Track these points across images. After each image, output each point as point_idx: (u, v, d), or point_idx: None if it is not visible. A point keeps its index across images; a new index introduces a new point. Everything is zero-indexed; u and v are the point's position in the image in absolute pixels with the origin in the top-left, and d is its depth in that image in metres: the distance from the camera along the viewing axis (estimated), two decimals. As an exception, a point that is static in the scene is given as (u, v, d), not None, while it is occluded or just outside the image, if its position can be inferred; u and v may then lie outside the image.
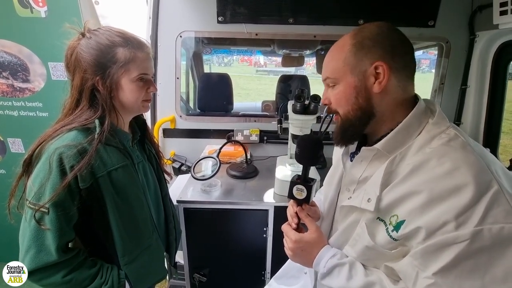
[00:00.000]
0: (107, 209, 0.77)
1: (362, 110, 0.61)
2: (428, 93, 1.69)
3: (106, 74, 0.74)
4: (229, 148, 1.58)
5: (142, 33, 1.51)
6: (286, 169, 1.32)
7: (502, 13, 1.18)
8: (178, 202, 1.20)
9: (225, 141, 1.51)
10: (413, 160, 0.56)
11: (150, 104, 0.88)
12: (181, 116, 1.64)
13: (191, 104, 2.27)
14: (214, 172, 1.26)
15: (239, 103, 3.93)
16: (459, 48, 1.52)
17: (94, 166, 0.72)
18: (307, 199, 0.69)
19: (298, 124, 1.18)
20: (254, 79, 11.78)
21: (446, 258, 0.48)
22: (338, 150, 0.79)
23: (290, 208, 0.76)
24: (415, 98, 0.64)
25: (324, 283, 0.67)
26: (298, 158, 0.70)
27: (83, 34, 0.76)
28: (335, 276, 0.65)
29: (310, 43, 1.93)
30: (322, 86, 0.69)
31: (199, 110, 1.88)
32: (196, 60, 2.25)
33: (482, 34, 1.44)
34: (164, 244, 1.02)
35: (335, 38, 0.67)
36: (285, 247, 0.74)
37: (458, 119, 1.62)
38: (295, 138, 1.27)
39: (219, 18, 1.48)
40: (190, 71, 2.30)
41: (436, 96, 1.62)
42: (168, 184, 1.05)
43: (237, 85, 9.94)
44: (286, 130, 1.34)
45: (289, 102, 1.19)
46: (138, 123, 0.93)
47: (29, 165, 0.73)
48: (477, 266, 0.47)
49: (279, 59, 2.57)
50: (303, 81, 2.22)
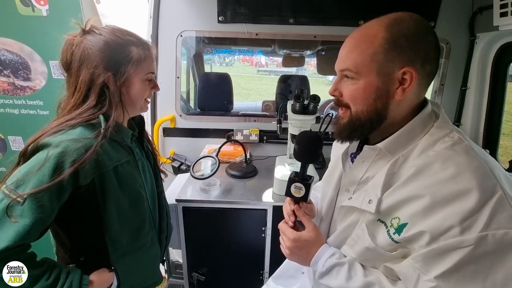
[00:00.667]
0: (107, 204, 0.75)
1: (377, 113, 0.58)
2: (428, 93, 1.69)
3: (120, 71, 0.75)
4: (228, 147, 1.58)
5: (143, 32, 1.52)
6: (285, 169, 1.32)
7: (502, 14, 1.18)
8: (177, 201, 1.21)
9: (224, 140, 1.51)
10: (416, 162, 0.56)
11: (149, 104, 0.90)
12: (181, 115, 1.64)
13: (192, 103, 2.27)
14: (213, 171, 1.26)
15: (240, 103, 3.93)
16: (459, 49, 1.52)
17: (99, 161, 0.71)
18: (305, 198, 0.68)
19: (297, 124, 1.18)
20: (255, 79, 11.78)
21: (449, 262, 0.48)
22: (337, 149, 0.79)
23: (287, 205, 0.74)
24: (424, 101, 0.62)
25: (322, 282, 0.67)
26: (297, 155, 0.68)
27: (86, 31, 0.76)
28: (334, 275, 0.64)
29: (311, 44, 1.93)
30: (322, 87, 0.66)
31: (199, 110, 1.89)
32: (197, 59, 2.26)
33: (482, 35, 1.43)
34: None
35: (335, 39, 0.62)
36: (281, 246, 0.73)
37: (457, 120, 1.62)
38: (294, 138, 1.26)
39: (220, 18, 1.48)
40: (191, 71, 2.30)
41: (436, 97, 1.62)
42: (163, 182, 1.05)
43: (238, 85, 9.93)
44: (285, 130, 1.34)
45: (288, 102, 1.19)
46: (136, 121, 0.94)
47: (24, 155, 0.70)
48: (478, 271, 0.47)
49: (280, 59, 2.57)
50: (303, 81, 2.22)
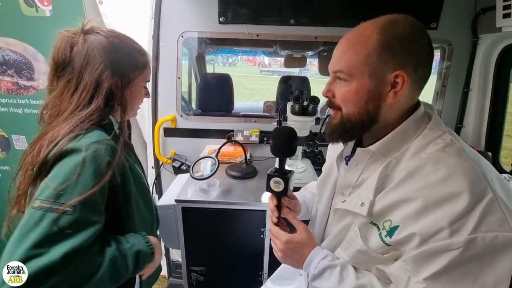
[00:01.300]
0: (129, 202, 0.75)
1: (368, 115, 0.58)
2: (430, 95, 1.68)
3: (126, 76, 0.76)
4: (229, 148, 1.58)
5: (144, 32, 1.53)
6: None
7: (506, 16, 1.17)
8: (177, 201, 1.21)
9: (225, 141, 1.51)
10: (408, 165, 0.55)
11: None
12: (181, 115, 1.65)
13: (194, 103, 2.28)
14: (213, 172, 1.27)
15: (242, 103, 3.93)
16: (462, 50, 1.50)
17: (121, 161, 0.71)
18: (285, 191, 0.69)
19: (297, 125, 1.18)
20: (258, 79, 11.78)
21: (438, 264, 0.48)
22: (332, 151, 0.79)
23: (270, 202, 0.75)
24: (417, 103, 0.62)
25: (314, 285, 0.67)
26: (274, 150, 0.70)
27: (86, 30, 0.74)
28: (326, 278, 0.64)
29: (313, 44, 1.93)
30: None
31: (200, 110, 1.89)
32: (199, 60, 2.26)
33: (485, 36, 1.42)
34: None
35: (336, 40, 0.59)
36: (274, 250, 0.74)
37: (460, 122, 1.61)
38: (294, 139, 1.27)
39: (221, 19, 1.49)
40: (192, 71, 2.31)
41: (438, 98, 1.60)
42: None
43: (241, 85, 9.94)
44: (285, 131, 1.34)
45: (288, 103, 1.19)
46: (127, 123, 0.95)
47: (44, 165, 0.63)
48: (468, 273, 0.47)
49: (283, 60, 2.57)
50: (304, 82, 2.21)
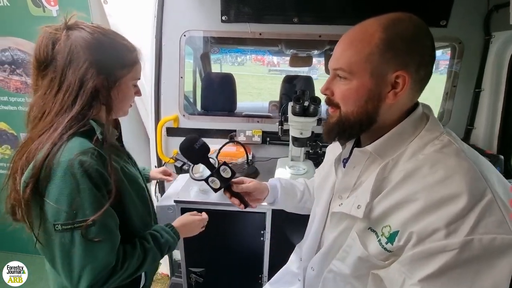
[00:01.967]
0: (126, 203, 0.76)
1: (367, 115, 0.57)
2: (439, 95, 1.62)
3: (112, 75, 0.72)
4: (231, 148, 1.57)
5: (147, 32, 1.53)
6: (286, 171, 1.30)
7: (520, 12, 1.11)
8: (176, 202, 1.21)
9: (227, 141, 1.50)
10: (405, 167, 0.54)
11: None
12: (184, 115, 1.64)
13: (199, 103, 2.27)
14: (213, 172, 1.25)
15: (248, 103, 3.91)
16: (473, 49, 1.44)
17: (110, 165, 0.68)
18: (224, 182, 0.78)
19: (298, 126, 1.15)
20: (267, 79, 11.75)
21: (433, 266, 0.47)
22: (331, 154, 0.77)
23: (228, 198, 0.84)
24: (415, 104, 0.60)
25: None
26: (193, 161, 0.80)
27: (70, 26, 0.68)
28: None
29: (318, 43, 1.89)
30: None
31: (202, 110, 1.88)
32: (203, 59, 2.26)
33: (498, 34, 1.35)
34: None
35: None
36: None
37: (470, 124, 1.54)
38: (296, 140, 1.24)
39: (223, 18, 1.47)
40: (197, 71, 2.31)
41: (447, 99, 1.54)
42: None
43: (249, 84, 9.93)
44: (287, 132, 1.31)
45: (289, 103, 1.17)
46: (113, 124, 0.91)
47: (38, 180, 0.61)
48: (464, 276, 0.45)
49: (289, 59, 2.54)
50: (308, 81, 2.17)
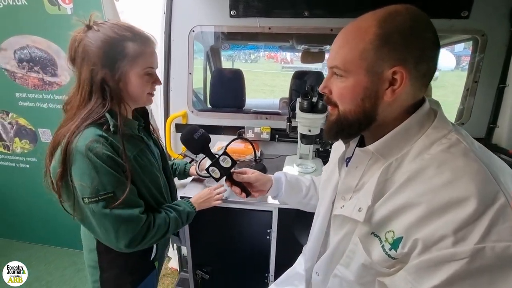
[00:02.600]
0: (140, 190, 0.84)
1: (365, 113, 0.54)
2: (459, 91, 1.53)
3: (115, 68, 0.76)
4: (239, 145, 1.55)
5: (157, 28, 1.53)
6: (293, 169, 1.26)
7: (551, 0, 1.02)
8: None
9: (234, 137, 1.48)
10: (410, 167, 0.50)
11: (153, 97, 0.90)
12: (192, 111, 1.64)
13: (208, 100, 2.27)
14: (219, 169, 1.24)
15: (260, 100, 3.88)
16: (497, 42, 1.34)
17: (124, 153, 0.78)
18: (225, 171, 0.80)
19: (306, 123, 1.12)
20: (280, 76, 11.65)
21: (441, 275, 0.43)
22: (335, 152, 0.74)
23: (230, 188, 0.87)
24: (422, 99, 0.56)
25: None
26: (194, 151, 0.83)
27: (89, 26, 0.77)
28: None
29: (330, 38, 1.81)
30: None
31: (211, 106, 1.88)
32: (214, 56, 2.25)
33: (526, 25, 1.26)
34: None
35: None
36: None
37: (493, 122, 1.45)
38: (304, 137, 1.21)
39: (232, 12, 1.45)
40: (208, 67, 2.30)
41: (468, 95, 1.45)
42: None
43: (262, 81, 9.89)
44: (295, 129, 1.28)
45: (297, 99, 1.13)
46: (139, 112, 0.97)
47: (65, 164, 0.74)
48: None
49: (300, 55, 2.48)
50: (318, 77, 2.09)
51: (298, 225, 1.17)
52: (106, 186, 0.73)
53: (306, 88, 1.09)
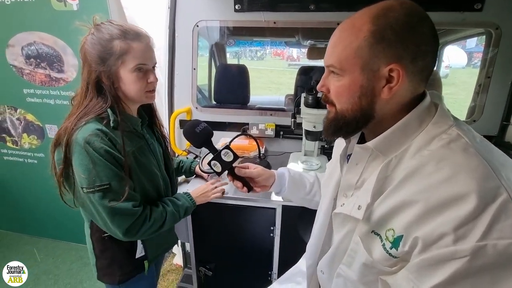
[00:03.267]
0: (136, 186, 0.86)
1: (362, 112, 0.53)
2: (472, 87, 1.48)
3: (106, 67, 0.79)
4: (243, 141, 1.54)
5: (162, 23, 1.52)
6: (298, 166, 1.24)
7: None
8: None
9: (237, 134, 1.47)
10: (409, 164, 0.49)
11: (154, 94, 0.91)
12: (197, 107, 1.63)
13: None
14: (222, 165, 1.23)
15: (265, 97, 3.84)
16: (512, 35, 1.29)
17: (123, 148, 0.81)
18: (226, 165, 0.79)
19: (311, 119, 1.09)
20: (286, 73, 11.56)
21: (442, 274, 0.43)
22: (338, 147, 0.73)
23: (232, 182, 0.85)
24: (423, 94, 0.54)
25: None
26: (196, 145, 0.81)
27: (94, 28, 0.81)
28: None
29: (337, 33, 1.78)
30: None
31: (215, 102, 1.87)
32: (219, 52, 2.23)
33: (543, 18, 1.20)
34: None
35: None
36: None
37: (506, 119, 1.39)
38: (308, 134, 1.19)
39: (236, 7, 1.43)
40: (213, 63, 2.28)
41: (480, 91, 1.40)
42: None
43: (268, 78, 9.84)
44: (300, 125, 1.26)
45: (302, 94, 1.11)
46: (144, 109, 0.98)
47: (66, 155, 0.78)
48: (478, 286, 0.40)
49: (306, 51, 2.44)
50: (324, 73, 2.05)
51: (302, 222, 1.15)
52: (102, 178, 0.77)
53: (312, 83, 1.07)
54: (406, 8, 0.48)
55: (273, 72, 11.36)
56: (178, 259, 2.04)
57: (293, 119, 1.28)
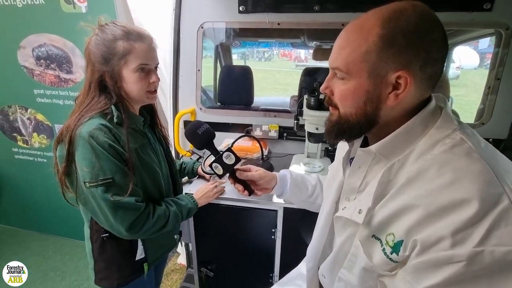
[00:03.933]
0: (137, 183, 0.86)
1: (367, 117, 0.52)
2: (481, 88, 1.44)
3: (109, 67, 0.80)
4: (247, 143, 1.54)
5: (167, 25, 1.54)
6: (300, 168, 1.24)
7: None
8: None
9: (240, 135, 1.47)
10: (411, 168, 0.49)
11: (155, 95, 0.92)
12: (201, 108, 1.64)
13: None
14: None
15: (270, 98, 3.83)
16: (524, 36, 1.25)
17: (127, 144, 0.82)
18: (227, 168, 0.78)
19: (313, 121, 1.08)
20: (293, 74, 11.52)
21: (438, 277, 0.43)
22: (341, 150, 0.71)
23: (233, 185, 0.83)
24: (428, 98, 0.53)
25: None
26: (197, 146, 0.80)
27: (98, 29, 0.83)
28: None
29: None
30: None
31: (219, 103, 1.87)
32: (224, 53, 2.24)
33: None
34: None
35: None
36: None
37: (517, 123, 1.35)
38: (311, 136, 1.18)
39: (241, 8, 1.43)
40: (219, 64, 2.29)
41: (489, 93, 1.36)
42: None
43: (275, 79, 9.83)
44: (303, 127, 1.25)
45: (304, 96, 1.10)
46: (146, 109, 1.00)
47: (60, 141, 0.80)
48: None
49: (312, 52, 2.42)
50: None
51: (303, 225, 1.14)
52: (106, 171, 0.77)
53: (314, 84, 1.06)
54: (419, 11, 0.46)
55: (280, 73, 11.33)
56: (182, 259, 2.05)
57: (295, 121, 1.27)
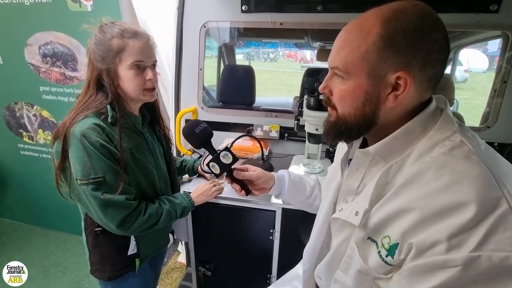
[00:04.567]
0: (131, 182, 0.88)
1: (365, 118, 0.52)
2: (487, 91, 1.41)
3: (105, 65, 0.81)
4: (247, 142, 1.54)
5: (171, 24, 1.54)
6: (300, 169, 1.23)
7: None
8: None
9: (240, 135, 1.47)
10: (409, 170, 0.48)
11: (153, 93, 0.92)
12: (202, 107, 1.65)
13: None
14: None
15: (273, 98, 3.82)
16: (531, 38, 1.23)
17: (120, 144, 0.83)
18: (224, 168, 0.77)
19: (313, 121, 1.08)
20: (298, 75, 11.49)
21: (434, 282, 0.42)
22: (340, 151, 0.71)
23: (230, 184, 0.83)
24: (429, 99, 0.52)
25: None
26: (195, 145, 0.80)
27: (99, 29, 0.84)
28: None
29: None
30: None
31: (221, 103, 1.87)
32: (227, 53, 2.24)
33: None
34: None
35: None
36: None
37: (524, 126, 1.32)
38: (311, 136, 1.17)
39: (243, 7, 1.43)
40: (222, 64, 2.30)
41: (495, 96, 1.34)
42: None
43: (280, 80, 9.82)
44: (303, 128, 1.24)
45: (304, 96, 1.10)
46: (148, 108, 1.00)
47: (63, 147, 0.80)
48: None
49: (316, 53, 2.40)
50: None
51: (302, 226, 1.14)
52: (97, 170, 0.79)
53: (315, 85, 1.05)
54: (419, 12, 0.45)
55: (285, 74, 11.32)
56: (183, 258, 2.06)
57: (296, 121, 1.27)
